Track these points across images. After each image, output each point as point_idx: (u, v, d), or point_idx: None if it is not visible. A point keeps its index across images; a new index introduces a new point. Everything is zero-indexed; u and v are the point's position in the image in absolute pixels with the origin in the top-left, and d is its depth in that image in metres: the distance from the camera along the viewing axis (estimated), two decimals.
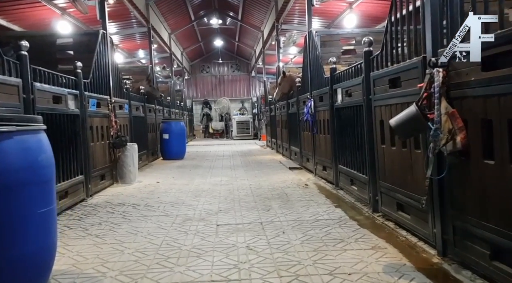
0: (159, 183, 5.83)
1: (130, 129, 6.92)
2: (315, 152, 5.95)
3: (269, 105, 11.78)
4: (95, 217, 3.84)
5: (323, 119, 5.43)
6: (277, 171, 6.77)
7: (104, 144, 5.48)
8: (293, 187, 5.13)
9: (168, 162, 8.67)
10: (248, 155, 10.29)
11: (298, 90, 7.21)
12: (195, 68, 21.23)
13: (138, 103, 7.80)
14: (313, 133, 5.98)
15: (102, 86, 5.56)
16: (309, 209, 3.90)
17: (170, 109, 11.87)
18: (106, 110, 5.59)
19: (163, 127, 9.11)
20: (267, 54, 14.03)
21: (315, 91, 5.77)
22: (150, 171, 7.29)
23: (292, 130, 8.07)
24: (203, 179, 6.07)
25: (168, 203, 4.36)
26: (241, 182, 5.73)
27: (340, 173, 4.76)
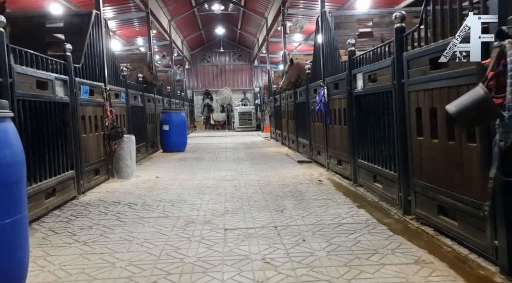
0: (159, 178, 5.36)
1: (127, 119, 6.44)
2: (328, 144, 5.47)
3: (274, 95, 11.27)
4: (85, 218, 3.38)
5: (339, 108, 4.93)
6: (285, 165, 6.29)
7: (98, 135, 5.00)
8: (305, 183, 4.66)
9: (169, 155, 8.20)
10: (252, 147, 9.82)
11: (307, 78, 6.70)
12: (196, 58, 20.64)
13: (136, 92, 7.30)
14: (326, 124, 5.49)
15: (96, 73, 5.06)
16: (329, 209, 3.43)
17: (171, 99, 11.36)
18: (100, 99, 5.10)
19: (163, 118, 8.62)
20: (271, 42, 13.46)
21: (329, 78, 5.26)
22: (149, 164, 6.82)
23: (300, 121, 7.57)
24: (206, 174, 5.61)
25: (168, 202, 3.89)
26: (248, 177, 5.26)
27: (360, 168, 4.28)
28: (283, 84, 7.75)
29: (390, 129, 3.39)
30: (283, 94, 9.21)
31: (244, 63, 20.68)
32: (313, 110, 5.80)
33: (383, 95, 3.53)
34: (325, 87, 5.33)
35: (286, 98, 8.95)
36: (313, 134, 6.49)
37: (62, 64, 4.09)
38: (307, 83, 6.70)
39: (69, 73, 4.17)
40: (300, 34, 13.13)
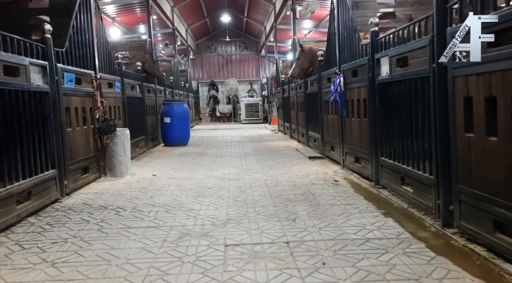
0: (156, 176, 4.84)
1: (123, 111, 5.92)
2: (344, 139, 4.89)
3: (282, 85, 10.67)
4: (63, 228, 2.87)
5: (357, 99, 4.35)
6: (295, 161, 5.74)
7: (87, 129, 4.48)
8: (319, 184, 4.11)
9: (170, 149, 7.69)
10: (258, 140, 9.27)
11: (320, 66, 6.09)
12: (201, 48, 20.02)
13: (133, 81, 6.76)
14: (341, 116, 4.91)
15: (84, 59, 4.53)
16: (350, 218, 2.88)
17: (173, 90, 10.83)
18: (89, 88, 4.58)
19: (164, 110, 8.10)
20: (279, 30, 12.80)
21: (346, 65, 4.67)
22: (147, 160, 6.31)
23: (311, 113, 6.99)
24: (208, 171, 5.08)
25: (162, 206, 3.37)
26: (254, 175, 4.72)
27: (383, 168, 3.71)
28: (294, 72, 7.15)
29: (425, 123, 2.82)
30: (292, 84, 8.62)
31: (250, 53, 20.00)
32: (327, 101, 5.22)
33: (417, 82, 2.94)
34: (341, 75, 4.73)
35: (296, 88, 8.36)
36: (325, 127, 5.92)
37: (40, 47, 3.55)
38: (319, 71, 6.11)
39: (49, 58, 3.64)
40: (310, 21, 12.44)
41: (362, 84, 4.14)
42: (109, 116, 5.16)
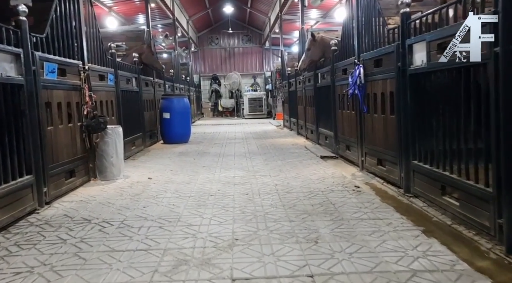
0: (151, 179, 4.32)
1: (116, 106, 5.38)
2: (363, 138, 4.34)
3: (288, 79, 10.11)
4: (32, 251, 2.35)
5: (382, 92, 3.79)
6: (306, 162, 5.20)
7: (73, 127, 3.95)
8: (338, 190, 3.57)
9: (169, 147, 7.16)
10: (264, 137, 8.73)
11: (333, 56, 5.52)
12: (203, 40, 19.40)
13: (129, 74, 6.22)
14: (361, 112, 4.35)
15: (70, 47, 3.98)
16: (385, 240, 2.34)
17: (174, 84, 10.27)
18: (76, 81, 4.04)
19: (163, 105, 7.55)
20: (285, 21, 12.18)
21: (367, 54, 4.10)
22: (144, 159, 5.78)
23: (322, 108, 6.44)
24: (210, 174, 4.54)
25: (155, 220, 2.84)
26: (262, 179, 4.18)
27: (416, 173, 3.16)
28: (303, 64, 6.58)
29: (480, 121, 2.27)
30: (300, 77, 8.04)
31: (254, 45, 19.35)
32: (344, 96, 4.65)
33: (468, 71, 2.38)
34: (361, 66, 4.17)
35: (304, 82, 7.79)
36: (340, 124, 5.36)
37: (12, 32, 3.01)
38: (332, 62, 5.54)
39: (24, 44, 3.09)
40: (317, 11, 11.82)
41: (388, 75, 3.58)
42: (100, 112, 4.63)
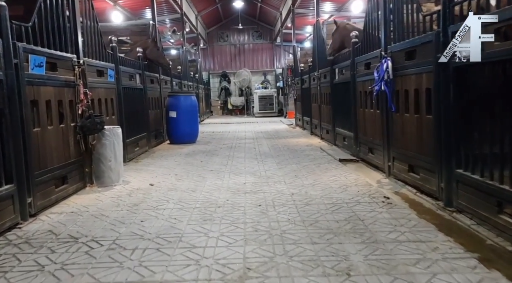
0: (153, 186, 3.89)
1: (117, 105, 4.97)
2: (391, 140, 3.85)
3: (301, 75, 9.61)
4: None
5: (415, 88, 3.29)
6: (324, 166, 4.72)
7: (65, 128, 3.54)
8: (365, 202, 3.09)
9: (175, 148, 6.74)
10: (275, 137, 8.26)
11: (354, 49, 5.03)
12: (212, 37, 18.95)
13: (132, 70, 5.80)
14: (387, 111, 3.86)
15: (62, 39, 3.57)
16: (435, 273, 1.87)
17: (182, 81, 9.86)
18: (69, 76, 3.62)
19: (169, 103, 7.14)
20: (297, 15, 11.67)
21: (397, 45, 3.61)
22: (147, 162, 5.36)
23: (340, 106, 5.95)
24: (218, 179, 4.10)
25: (153, 240, 2.41)
26: (276, 186, 3.72)
27: (461, 184, 2.67)
28: (330, 49, 6.19)
29: None
30: (315, 73, 7.55)
31: (264, 42, 18.83)
32: (369, 93, 4.15)
33: None
34: (389, 59, 3.67)
35: (318, 78, 7.30)
36: (361, 124, 4.87)
37: None
38: (352, 56, 5.04)
39: (3, 34, 2.68)
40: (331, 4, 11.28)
41: (424, 69, 3.08)
42: (98, 111, 4.23)
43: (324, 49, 6.89)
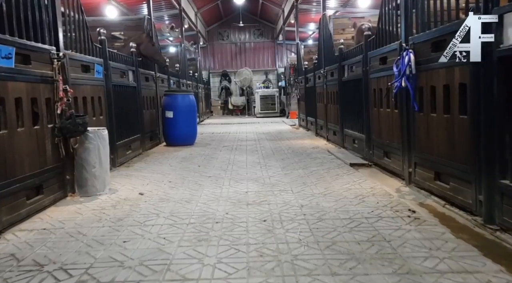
0: (143, 195, 3.44)
1: (106, 104, 4.52)
2: (413, 143, 3.40)
3: (305, 74, 9.18)
4: None
5: (444, 84, 2.84)
6: (334, 171, 4.27)
7: (41, 130, 3.09)
8: (388, 216, 2.64)
9: (172, 150, 6.29)
10: (278, 138, 7.81)
11: (367, 43, 4.58)
12: (212, 35, 18.51)
13: (124, 66, 5.36)
14: (408, 111, 3.41)
15: (38, 28, 3.12)
16: None
17: (180, 79, 9.42)
18: (46, 71, 3.18)
19: (165, 102, 6.70)
20: (300, 11, 11.22)
21: (421, 35, 3.15)
22: (140, 166, 4.91)
23: (349, 105, 5.50)
24: (217, 187, 3.65)
25: (134, 269, 1.96)
26: (283, 196, 3.27)
27: (506, 197, 2.21)
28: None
29: None
30: (321, 71, 7.10)
31: (266, 40, 18.38)
32: (388, 90, 3.70)
33: None
34: (410, 52, 3.22)
35: (325, 76, 6.86)
36: (375, 125, 4.42)
37: None
38: (365, 50, 4.59)
39: None
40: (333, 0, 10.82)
41: (457, 61, 2.63)
42: (83, 111, 3.79)
43: (331, 45, 6.45)
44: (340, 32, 7.27)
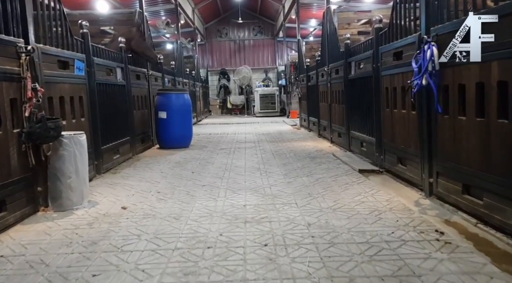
0: (126, 210, 3.01)
1: (89, 105, 4.08)
2: (434, 151, 2.96)
3: (306, 71, 8.74)
4: None
5: (478, 82, 2.41)
6: (341, 178, 3.84)
7: (3, 135, 2.66)
8: (412, 240, 2.21)
9: (165, 154, 5.86)
10: (279, 139, 7.38)
11: (378, 36, 4.14)
12: (211, 32, 18.03)
13: (111, 63, 4.92)
14: (429, 112, 2.97)
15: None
16: None
17: (175, 78, 8.98)
18: (12, 67, 2.74)
19: (158, 102, 6.26)
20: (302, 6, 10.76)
21: (446, 25, 2.72)
22: (127, 173, 4.47)
23: (356, 105, 5.07)
24: (211, 199, 3.22)
25: None
26: (286, 211, 2.84)
27: None
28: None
29: None
30: (325, 68, 6.66)
31: (266, 37, 17.91)
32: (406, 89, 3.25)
33: None
34: (433, 45, 2.78)
35: (329, 73, 6.42)
36: (387, 128, 3.99)
37: None
38: (376, 44, 4.16)
39: None
40: None
41: (497, 54, 2.20)
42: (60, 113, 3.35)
43: (336, 41, 6.01)
44: (346, 27, 6.82)
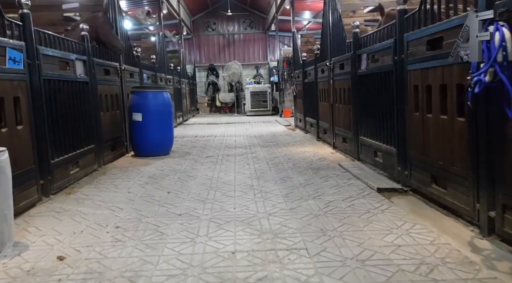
0: (63, 262, 2.09)
1: (28, 107, 3.13)
2: (496, 174, 2.11)
3: (303, 67, 7.89)
4: None
5: None
6: (358, 202, 2.98)
7: None
8: None
9: (139, 164, 4.92)
10: (273, 144, 6.51)
11: (401, 20, 3.28)
12: (198, 26, 17.00)
13: (68, 55, 3.97)
14: (489, 119, 2.12)
15: None
16: None
17: (157, 73, 8.02)
18: None
19: (132, 102, 5.33)
20: None
21: None
22: (85, 194, 3.53)
23: (368, 106, 4.22)
24: (186, 241, 2.32)
25: None
26: (294, 265, 1.96)
27: None
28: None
29: None
30: (326, 63, 5.80)
31: (256, 31, 16.94)
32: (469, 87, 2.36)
33: None
34: (503, 24, 1.93)
35: (331, 69, 5.57)
36: (415, 136, 3.14)
37: None
38: (397, 31, 3.30)
39: None
40: None
41: None
42: None
43: (341, 30, 5.14)
44: (350, 15, 5.99)
